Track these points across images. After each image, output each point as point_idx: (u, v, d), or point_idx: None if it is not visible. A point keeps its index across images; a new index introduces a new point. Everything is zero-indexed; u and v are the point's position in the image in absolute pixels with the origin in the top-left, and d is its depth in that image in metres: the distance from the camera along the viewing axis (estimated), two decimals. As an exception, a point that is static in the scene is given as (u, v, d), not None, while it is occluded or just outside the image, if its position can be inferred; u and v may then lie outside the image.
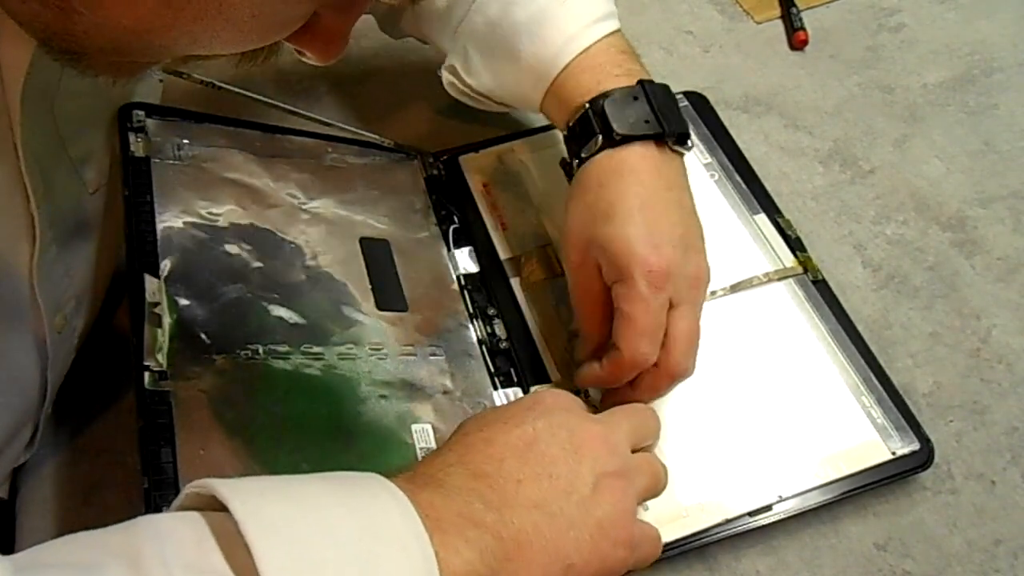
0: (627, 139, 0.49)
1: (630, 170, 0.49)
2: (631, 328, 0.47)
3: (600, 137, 0.49)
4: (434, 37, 0.61)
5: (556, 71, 0.52)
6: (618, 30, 0.53)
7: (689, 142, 0.51)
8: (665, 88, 0.52)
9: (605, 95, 0.50)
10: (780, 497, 0.49)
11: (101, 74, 0.34)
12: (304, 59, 0.38)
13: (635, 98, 0.50)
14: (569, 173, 0.53)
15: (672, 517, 0.48)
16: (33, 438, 0.49)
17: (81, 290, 0.49)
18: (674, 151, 0.51)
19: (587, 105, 0.50)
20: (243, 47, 0.35)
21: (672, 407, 0.52)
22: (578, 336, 0.53)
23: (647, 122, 0.49)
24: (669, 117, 0.50)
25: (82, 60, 0.33)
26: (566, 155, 0.53)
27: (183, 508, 0.33)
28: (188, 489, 0.33)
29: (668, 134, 0.49)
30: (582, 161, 0.51)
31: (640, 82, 0.51)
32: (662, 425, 0.48)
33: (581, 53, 0.52)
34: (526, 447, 0.40)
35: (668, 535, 0.47)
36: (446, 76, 0.59)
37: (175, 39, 0.32)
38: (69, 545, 0.31)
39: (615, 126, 0.49)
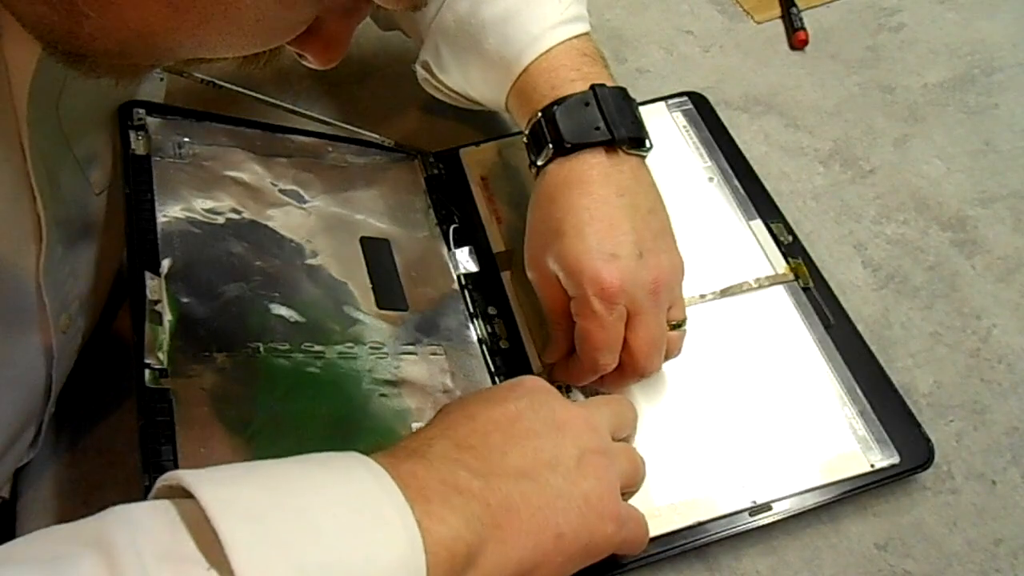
0: (577, 147, 0.49)
1: (578, 181, 0.49)
2: (588, 343, 0.48)
3: (551, 146, 0.50)
4: (413, 32, 0.61)
5: (518, 71, 0.52)
6: (586, 33, 0.53)
7: (646, 144, 0.51)
8: (619, 92, 0.51)
9: (558, 102, 0.50)
10: (754, 503, 0.49)
11: (104, 76, 0.35)
12: (305, 63, 0.38)
13: (586, 104, 0.50)
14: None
15: (647, 516, 0.48)
16: (36, 438, 0.49)
17: (86, 290, 0.49)
18: (628, 155, 0.50)
19: (540, 113, 0.51)
20: (246, 51, 0.35)
21: (657, 408, 0.52)
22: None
23: (597, 128, 0.49)
24: (620, 122, 0.49)
25: (86, 62, 0.34)
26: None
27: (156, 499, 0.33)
28: (159, 482, 0.33)
29: (618, 140, 0.49)
30: (539, 170, 0.51)
31: (592, 87, 0.50)
32: (648, 426, 0.48)
33: (542, 55, 0.52)
34: (509, 423, 0.40)
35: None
36: (420, 72, 0.60)
37: (180, 42, 0.33)
38: (42, 539, 0.31)
39: (564, 135, 0.49)
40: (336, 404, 0.48)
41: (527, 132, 0.52)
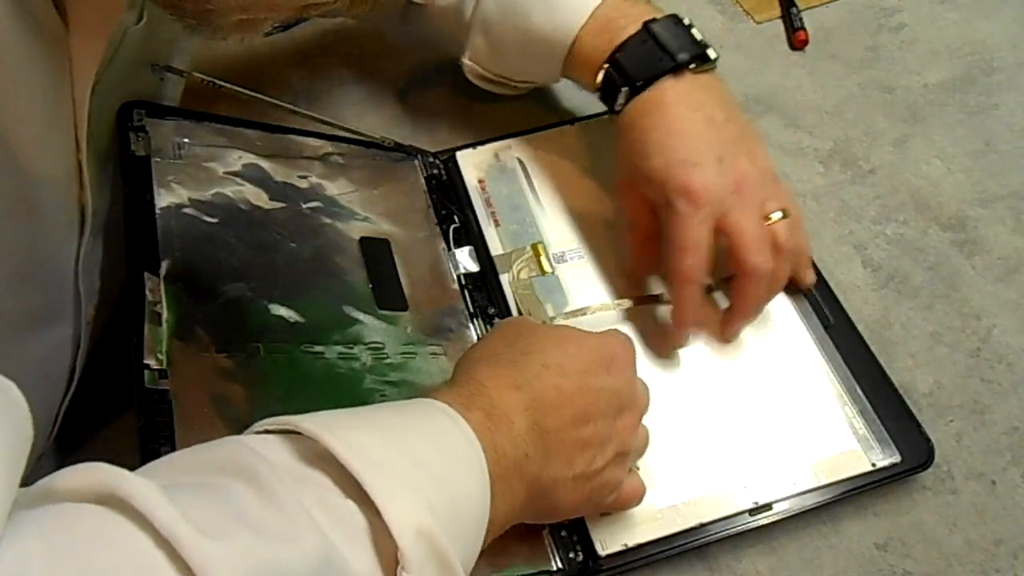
0: (648, 82, 0.53)
1: (655, 107, 0.53)
2: (674, 247, 0.51)
3: (626, 88, 0.54)
4: (446, 33, 0.63)
5: (571, 38, 0.57)
6: None
7: (711, 57, 0.54)
8: (670, 19, 0.55)
9: (619, 49, 0.54)
10: (756, 503, 0.49)
11: (229, 34, 0.37)
12: None
13: (644, 42, 0.54)
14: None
15: (648, 518, 0.48)
16: (52, 429, 0.50)
17: (106, 284, 0.50)
18: (697, 74, 0.54)
19: (606, 65, 0.55)
20: None
21: (659, 410, 0.51)
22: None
23: (660, 60, 0.53)
24: (679, 47, 0.53)
25: (211, 22, 0.36)
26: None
27: None
28: (257, 427, 0.34)
29: (680, 64, 0.53)
30: (619, 113, 0.55)
31: (644, 24, 0.54)
32: (650, 428, 0.48)
33: (590, 17, 0.56)
34: (586, 404, 0.42)
35: (644, 536, 0.47)
36: (467, 64, 0.62)
37: None
38: (170, 468, 0.32)
39: (633, 75, 0.54)
40: (336, 404, 0.47)
41: (600, 86, 0.56)
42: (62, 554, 0.24)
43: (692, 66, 0.53)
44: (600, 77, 0.56)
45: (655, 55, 0.53)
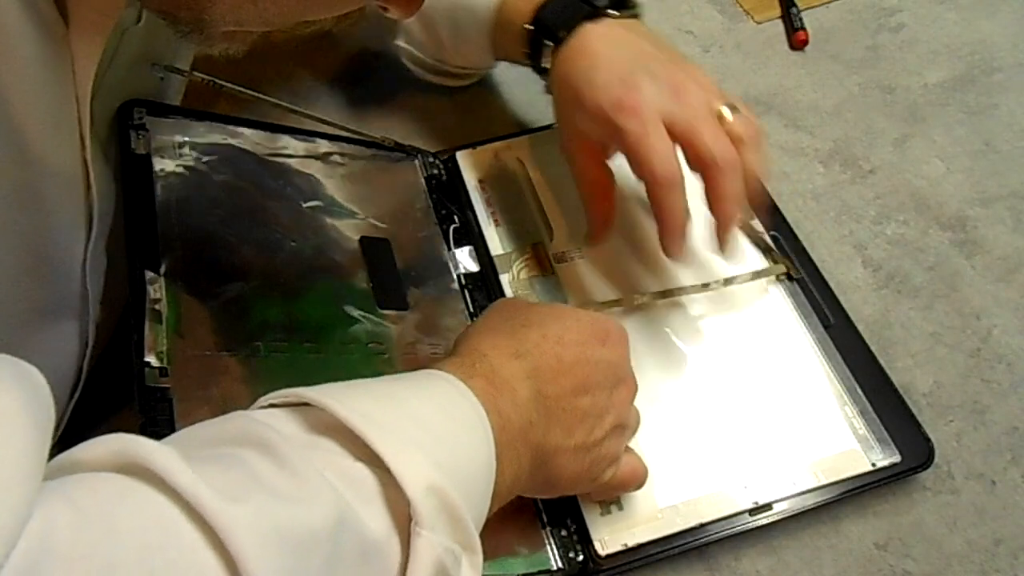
0: (569, 33, 0.53)
1: (580, 52, 0.52)
2: (640, 163, 0.48)
3: (551, 43, 0.54)
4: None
5: (495, 2, 0.58)
6: None
7: (631, 4, 0.55)
8: None
9: (540, 9, 0.55)
10: (756, 503, 0.49)
11: (218, 43, 0.38)
12: (388, 14, 0.41)
13: None
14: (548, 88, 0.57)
15: (648, 518, 0.48)
16: (58, 429, 0.50)
17: (112, 285, 0.50)
18: (620, 19, 0.53)
19: (531, 25, 0.56)
20: (349, 8, 0.39)
21: (659, 410, 0.52)
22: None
23: (579, 9, 0.53)
24: None
25: (204, 30, 0.37)
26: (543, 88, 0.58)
27: None
28: (263, 401, 0.35)
29: (598, 9, 0.53)
30: (549, 71, 0.55)
31: None
32: (650, 428, 0.48)
33: None
34: (585, 376, 0.42)
35: (644, 536, 0.47)
36: (402, 47, 0.64)
37: (290, 8, 0.36)
38: (184, 442, 0.32)
39: (555, 29, 0.54)
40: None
41: (527, 51, 0.56)
42: (87, 516, 0.25)
43: (613, 12, 0.53)
44: (527, 42, 0.56)
45: (574, 6, 0.53)
